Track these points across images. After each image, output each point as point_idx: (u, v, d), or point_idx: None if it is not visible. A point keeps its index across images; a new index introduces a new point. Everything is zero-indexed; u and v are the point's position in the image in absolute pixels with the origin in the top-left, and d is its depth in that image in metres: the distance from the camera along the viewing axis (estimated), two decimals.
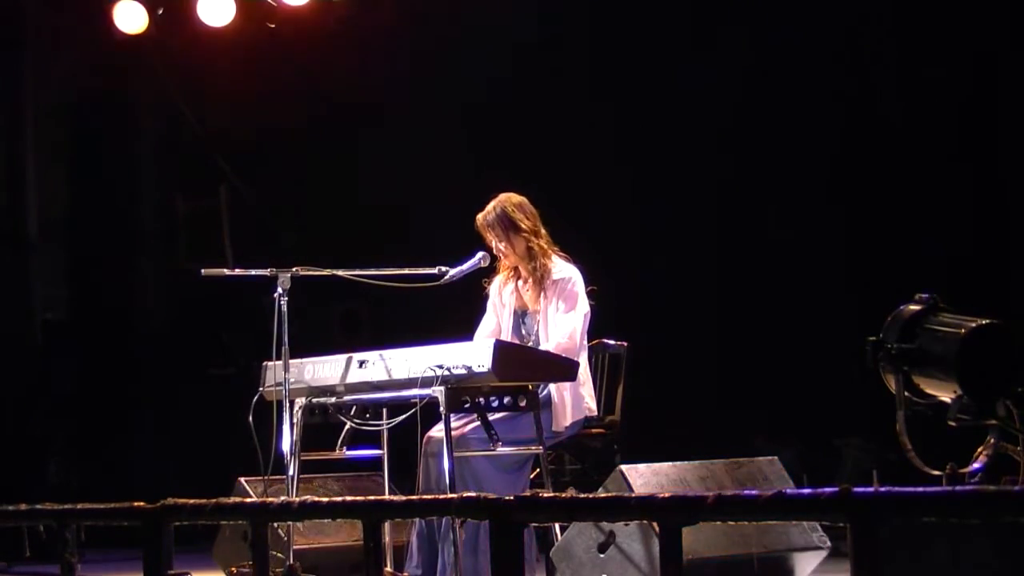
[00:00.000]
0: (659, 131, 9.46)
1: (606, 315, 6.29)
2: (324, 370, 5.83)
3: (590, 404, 5.98)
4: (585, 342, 6.00)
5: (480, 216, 6.04)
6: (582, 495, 4.48)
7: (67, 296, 10.73)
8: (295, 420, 5.82)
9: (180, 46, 9.73)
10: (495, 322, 6.16)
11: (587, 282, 6.01)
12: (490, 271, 6.15)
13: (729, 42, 9.32)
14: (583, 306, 5.94)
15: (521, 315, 6.09)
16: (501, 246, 6.01)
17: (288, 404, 5.73)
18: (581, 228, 8.39)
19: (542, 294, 6.00)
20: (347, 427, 5.94)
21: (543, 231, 6.04)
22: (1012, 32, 8.36)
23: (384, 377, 5.60)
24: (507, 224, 5.98)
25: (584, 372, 5.92)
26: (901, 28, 8.82)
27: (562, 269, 6.01)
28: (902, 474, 5.04)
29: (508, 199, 6.05)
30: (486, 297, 6.20)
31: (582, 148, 9.58)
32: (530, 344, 5.97)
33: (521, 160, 9.09)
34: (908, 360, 5.14)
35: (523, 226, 5.99)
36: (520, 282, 6.12)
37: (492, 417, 5.54)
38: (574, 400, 5.86)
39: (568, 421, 5.85)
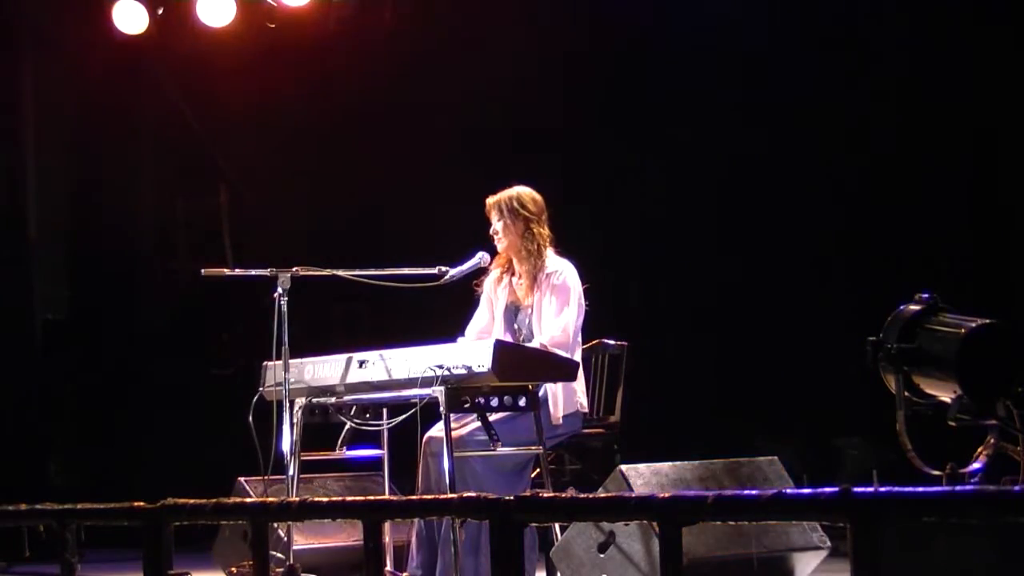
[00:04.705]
0: (659, 130, 9.45)
1: (606, 315, 6.29)
2: (324, 370, 5.83)
3: (581, 400, 5.96)
4: (579, 338, 5.99)
5: (493, 197, 6.07)
6: (582, 495, 4.48)
7: (67, 296, 10.72)
8: (295, 420, 5.82)
9: (180, 46, 9.72)
10: (487, 318, 6.15)
11: (582, 279, 6.01)
12: (485, 274, 6.16)
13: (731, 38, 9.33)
14: (577, 300, 5.93)
15: (514, 310, 6.09)
16: (499, 226, 6.02)
17: (288, 404, 5.74)
18: (580, 227, 8.40)
19: (535, 288, 6.00)
20: (347, 427, 5.94)
21: (547, 229, 6.05)
22: (1013, 34, 8.37)
23: (384, 377, 5.60)
24: (516, 207, 6.01)
25: None
26: (903, 27, 8.81)
27: (556, 264, 6.01)
28: (902, 474, 5.04)
29: (526, 189, 6.10)
30: (479, 295, 6.20)
31: (582, 147, 9.57)
32: (522, 338, 5.97)
33: (520, 159, 9.07)
34: (908, 360, 5.14)
35: (529, 214, 6.00)
36: (514, 277, 6.12)
37: (492, 418, 5.54)
38: (565, 393, 5.84)
39: (561, 413, 5.83)
